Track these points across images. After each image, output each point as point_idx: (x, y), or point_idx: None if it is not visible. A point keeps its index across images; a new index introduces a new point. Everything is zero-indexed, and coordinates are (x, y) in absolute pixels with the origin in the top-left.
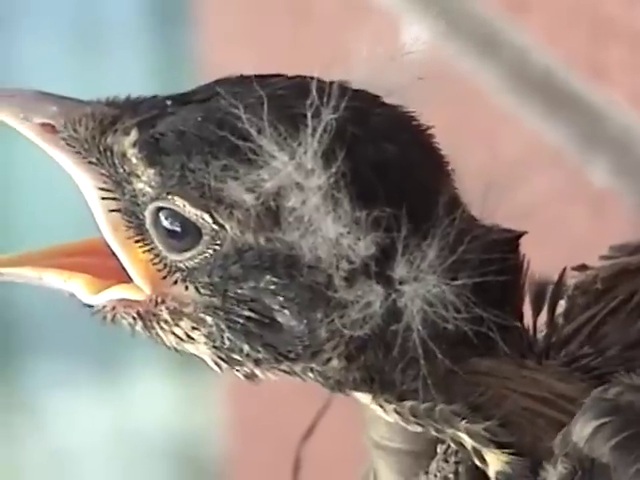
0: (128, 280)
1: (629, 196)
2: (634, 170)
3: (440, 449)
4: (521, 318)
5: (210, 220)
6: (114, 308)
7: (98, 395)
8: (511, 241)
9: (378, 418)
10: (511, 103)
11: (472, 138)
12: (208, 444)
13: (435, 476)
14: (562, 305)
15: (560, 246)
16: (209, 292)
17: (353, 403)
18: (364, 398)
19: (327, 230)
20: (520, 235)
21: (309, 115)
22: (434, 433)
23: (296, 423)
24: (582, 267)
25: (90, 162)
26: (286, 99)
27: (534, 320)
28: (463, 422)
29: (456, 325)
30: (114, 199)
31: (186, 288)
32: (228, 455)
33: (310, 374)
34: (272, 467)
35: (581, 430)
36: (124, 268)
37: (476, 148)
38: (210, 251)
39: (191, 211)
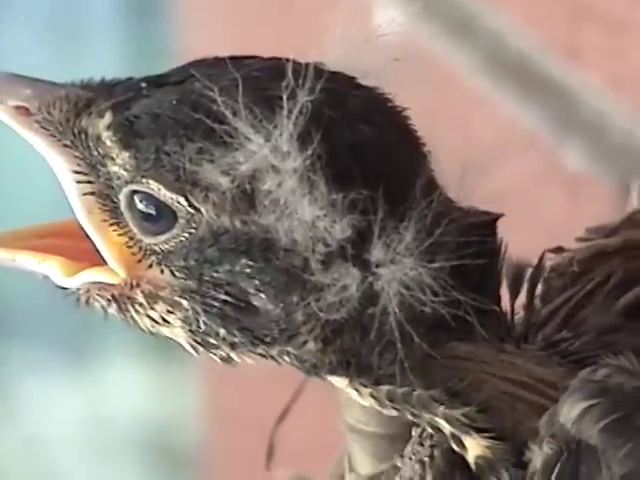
0: (102, 263)
1: (604, 180)
2: (609, 154)
3: (415, 432)
4: (499, 302)
5: (185, 203)
6: (88, 291)
7: (72, 382)
8: (488, 224)
9: (353, 402)
10: (486, 86)
11: (446, 121)
12: (183, 432)
13: (410, 459)
14: (538, 288)
15: (535, 230)
16: (185, 275)
17: (328, 387)
18: (340, 382)
19: (303, 213)
20: (497, 218)
21: (285, 97)
22: (411, 418)
23: (272, 409)
24: (558, 249)
25: (64, 145)
26: (261, 81)
27: (512, 304)
28: (441, 408)
29: (433, 308)
30: (88, 182)
31: (161, 271)
32: (203, 443)
33: (286, 357)
34: (248, 454)
35: (569, 411)
36: (98, 251)
37: (450, 131)
38: (185, 234)
39: (166, 194)
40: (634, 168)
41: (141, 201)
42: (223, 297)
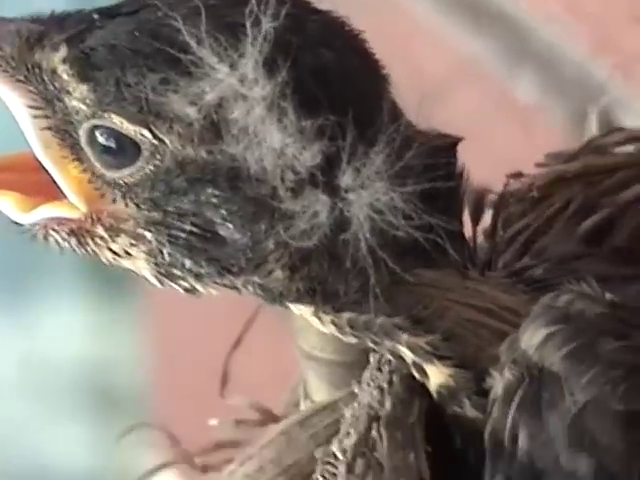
0: (60, 197)
1: (556, 112)
2: (561, 86)
3: (373, 358)
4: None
5: (149, 135)
6: (45, 226)
7: (10, 323)
8: (451, 147)
9: (309, 328)
10: (437, 17)
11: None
12: (123, 372)
13: (368, 385)
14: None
15: (486, 162)
16: (150, 208)
17: (282, 316)
18: (303, 310)
19: (272, 141)
20: (458, 141)
21: (248, 24)
22: (371, 345)
23: (215, 346)
24: (517, 175)
25: (18, 80)
26: (223, 8)
27: (474, 231)
28: (405, 336)
29: (406, 232)
30: (45, 117)
31: (126, 205)
32: (144, 383)
33: (250, 287)
34: (191, 393)
35: (530, 338)
36: (56, 185)
37: (399, 61)
38: (150, 167)
39: (129, 127)
40: (588, 99)
41: (102, 135)
42: (189, 228)
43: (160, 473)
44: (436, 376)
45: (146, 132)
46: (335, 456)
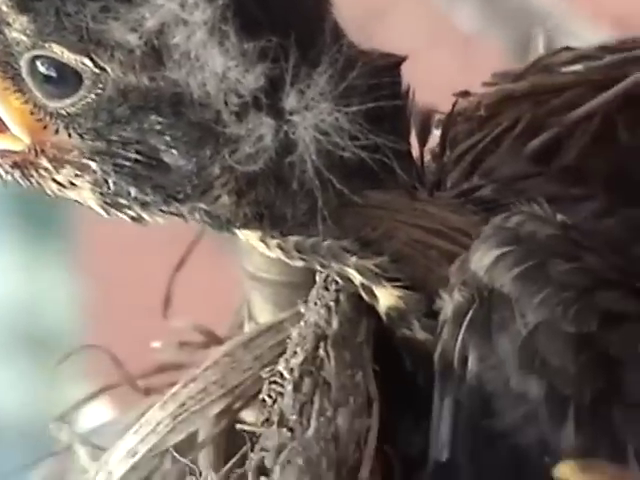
0: (4, 130)
1: (498, 39)
2: (500, 14)
3: (320, 277)
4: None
5: (90, 64)
6: None
7: None
8: (395, 66)
9: (253, 250)
10: None
11: None
12: (59, 311)
13: (315, 304)
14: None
15: (427, 85)
16: (93, 137)
17: (224, 238)
18: (250, 235)
19: (214, 65)
20: (402, 60)
21: None
22: (319, 268)
23: (153, 275)
24: (465, 93)
25: None
26: None
27: (421, 151)
28: (353, 258)
29: (352, 153)
30: None
31: (69, 135)
32: (82, 318)
33: (197, 214)
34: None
35: (481, 259)
36: None
37: None
38: (92, 95)
39: (70, 57)
40: (531, 27)
41: (43, 65)
42: (134, 156)
43: (94, 402)
44: (385, 298)
45: (87, 61)
46: (282, 375)
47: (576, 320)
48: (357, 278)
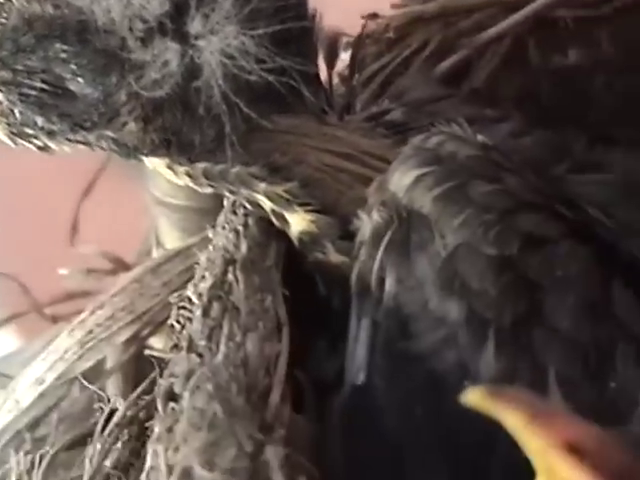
0: None
1: None
2: None
3: (228, 202)
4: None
5: None
6: None
7: None
8: None
9: (160, 174)
10: None
11: None
12: None
13: (223, 228)
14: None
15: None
16: None
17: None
18: (157, 163)
19: None
20: None
21: None
22: (227, 194)
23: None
24: (373, 16)
25: None
26: None
27: (329, 74)
28: (262, 185)
29: (259, 76)
30: None
31: None
32: None
33: (104, 142)
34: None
35: (400, 179)
36: None
37: None
38: None
39: None
40: None
41: None
42: (39, 85)
43: (1, 330)
44: (297, 223)
45: None
46: (190, 301)
47: (497, 242)
48: (267, 204)
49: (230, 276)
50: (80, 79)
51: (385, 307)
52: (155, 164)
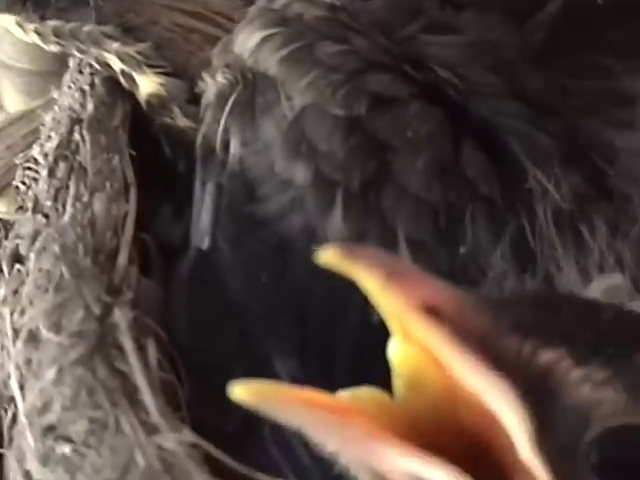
0: None
1: None
2: None
3: (74, 62)
4: None
5: None
6: None
7: None
8: None
9: (3, 37)
10: None
11: None
12: None
13: (69, 88)
14: None
15: None
16: None
17: None
18: (7, 20)
19: None
20: None
21: None
22: (76, 54)
23: None
24: None
25: None
26: None
27: None
28: (114, 44)
29: None
30: None
31: None
32: None
33: None
34: None
35: (245, 41)
36: None
37: None
38: None
39: None
40: None
41: None
42: None
43: None
44: (146, 85)
45: None
46: (36, 161)
47: (344, 103)
48: (117, 65)
49: (76, 135)
50: None
51: (230, 170)
52: (4, 21)
